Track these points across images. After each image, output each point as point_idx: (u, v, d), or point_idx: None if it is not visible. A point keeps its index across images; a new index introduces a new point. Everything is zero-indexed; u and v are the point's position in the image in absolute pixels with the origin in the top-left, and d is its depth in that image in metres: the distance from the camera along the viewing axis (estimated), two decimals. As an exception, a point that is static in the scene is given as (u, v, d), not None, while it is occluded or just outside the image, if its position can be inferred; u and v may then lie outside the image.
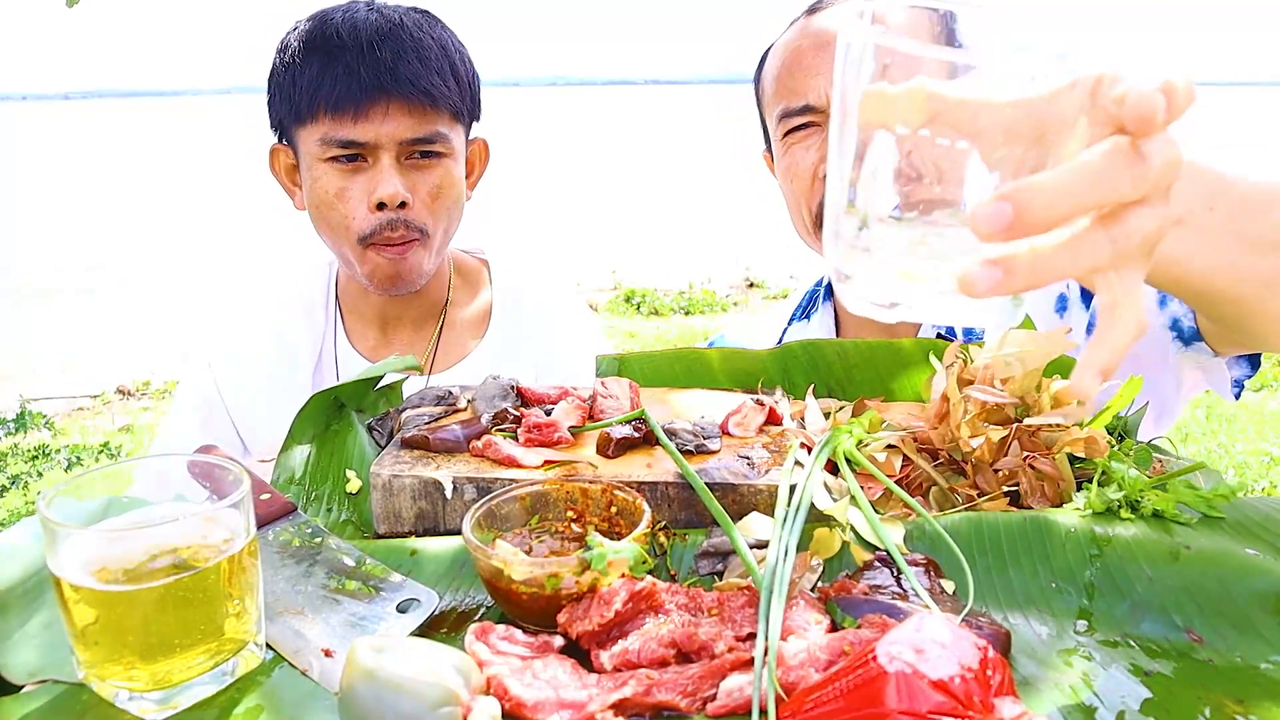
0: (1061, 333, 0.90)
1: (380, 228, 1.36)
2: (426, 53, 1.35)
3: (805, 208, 1.34)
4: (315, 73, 1.32)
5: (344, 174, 1.36)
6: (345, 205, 1.36)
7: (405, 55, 1.32)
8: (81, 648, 0.67)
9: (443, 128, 1.38)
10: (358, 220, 1.36)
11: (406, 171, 1.37)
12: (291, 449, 1.03)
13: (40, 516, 0.67)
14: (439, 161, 1.39)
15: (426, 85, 1.33)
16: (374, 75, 1.30)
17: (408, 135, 1.34)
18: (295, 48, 1.35)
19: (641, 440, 0.96)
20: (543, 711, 0.62)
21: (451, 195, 1.42)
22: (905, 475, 0.92)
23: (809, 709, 0.59)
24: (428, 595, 0.79)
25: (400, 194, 1.34)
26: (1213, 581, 0.74)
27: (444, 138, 1.38)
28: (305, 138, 1.37)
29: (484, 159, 1.56)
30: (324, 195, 1.37)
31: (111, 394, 6.33)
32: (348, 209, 1.36)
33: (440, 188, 1.39)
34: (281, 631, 0.75)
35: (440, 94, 1.35)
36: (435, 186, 1.39)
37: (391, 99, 1.32)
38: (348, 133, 1.33)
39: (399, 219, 1.36)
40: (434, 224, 1.41)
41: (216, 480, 0.75)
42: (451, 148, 1.40)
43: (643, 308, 8.32)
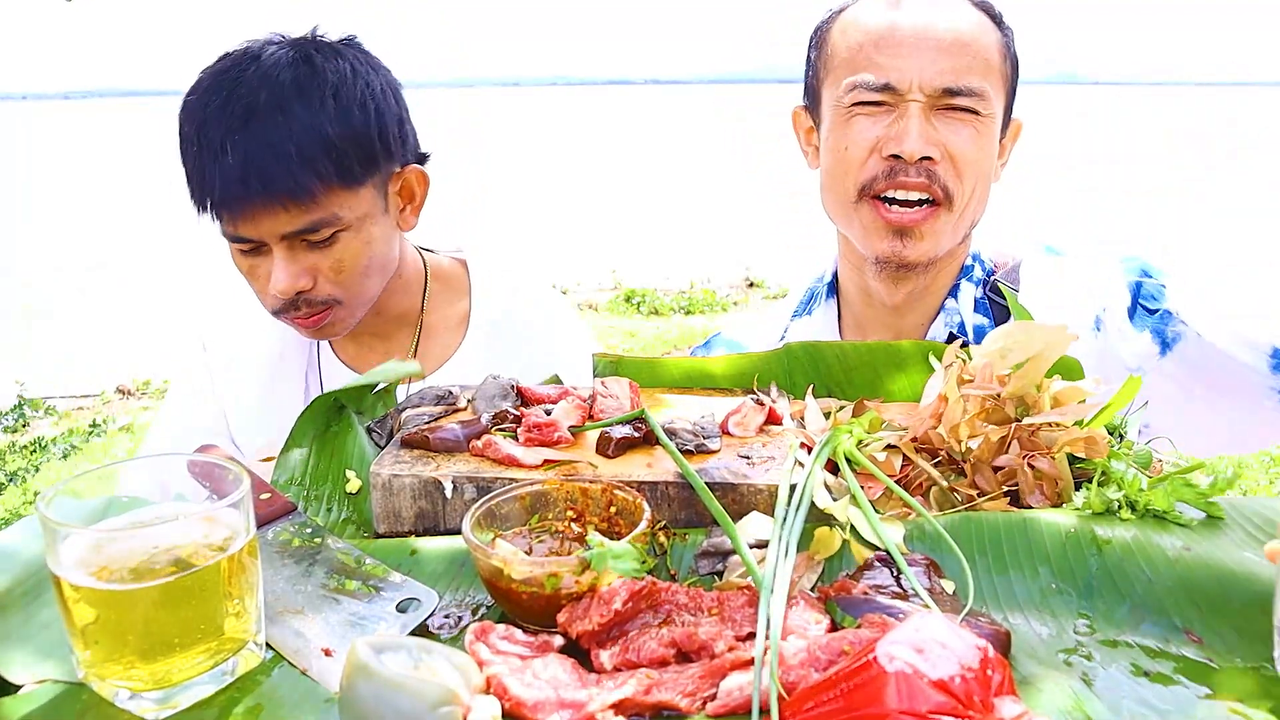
0: (1060, 329, 0.90)
1: (286, 308, 1.36)
2: (283, 145, 1.25)
3: (852, 178, 1.32)
4: (190, 167, 1.30)
5: (249, 258, 1.34)
6: (257, 283, 1.36)
7: (257, 157, 1.24)
8: (81, 647, 0.67)
9: (333, 209, 1.30)
10: (267, 300, 1.36)
11: (303, 255, 1.32)
12: (291, 450, 1.03)
13: (40, 516, 0.67)
14: (335, 238, 1.32)
15: (285, 187, 1.25)
16: (229, 184, 1.25)
17: (286, 230, 1.29)
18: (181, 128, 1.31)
19: (641, 440, 0.96)
20: (543, 711, 0.62)
21: (360, 264, 1.36)
22: (905, 475, 0.92)
23: (809, 709, 0.59)
24: (428, 595, 0.79)
25: (291, 286, 1.31)
26: (1213, 581, 0.74)
27: (331, 220, 1.30)
28: None
29: (422, 185, 1.46)
30: (239, 271, 1.38)
31: (111, 393, 6.33)
32: (259, 286, 1.36)
33: (342, 263, 1.34)
34: (281, 631, 0.75)
35: (308, 186, 1.26)
36: (336, 263, 1.34)
37: (255, 202, 1.26)
38: (232, 229, 1.30)
39: (302, 299, 1.35)
40: (345, 293, 1.37)
41: (216, 480, 0.75)
42: (352, 219, 1.33)
43: (643, 307, 8.32)
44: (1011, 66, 1.34)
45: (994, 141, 1.31)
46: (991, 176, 1.34)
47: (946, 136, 1.27)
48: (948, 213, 1.29)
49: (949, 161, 1.27)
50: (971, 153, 1.27)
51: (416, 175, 1.44)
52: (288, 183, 1.25)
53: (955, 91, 1.26)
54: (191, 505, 0.75)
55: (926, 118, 1.27)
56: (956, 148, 1.27)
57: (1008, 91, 1.34)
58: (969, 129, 1.27)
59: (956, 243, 1.35)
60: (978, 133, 1.27)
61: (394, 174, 1.40)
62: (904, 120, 1.26)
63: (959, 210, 1.30)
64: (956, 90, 1.26)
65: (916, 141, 1.25)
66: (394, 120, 1.37)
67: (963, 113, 1.27)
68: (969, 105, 1.26)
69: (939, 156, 1.26)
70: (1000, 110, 1.32)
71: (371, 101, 1.33)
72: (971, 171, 1.28)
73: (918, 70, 1.26)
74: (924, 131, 1.26)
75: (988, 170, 1.31)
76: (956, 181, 1.28)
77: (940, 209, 1.29)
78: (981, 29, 1.29)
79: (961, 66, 1.26)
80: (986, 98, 1.27)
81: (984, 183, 1.31)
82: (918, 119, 1.26)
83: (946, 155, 1.27)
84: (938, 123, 1.27)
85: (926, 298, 1.41)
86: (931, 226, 1.30)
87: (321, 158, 1.27)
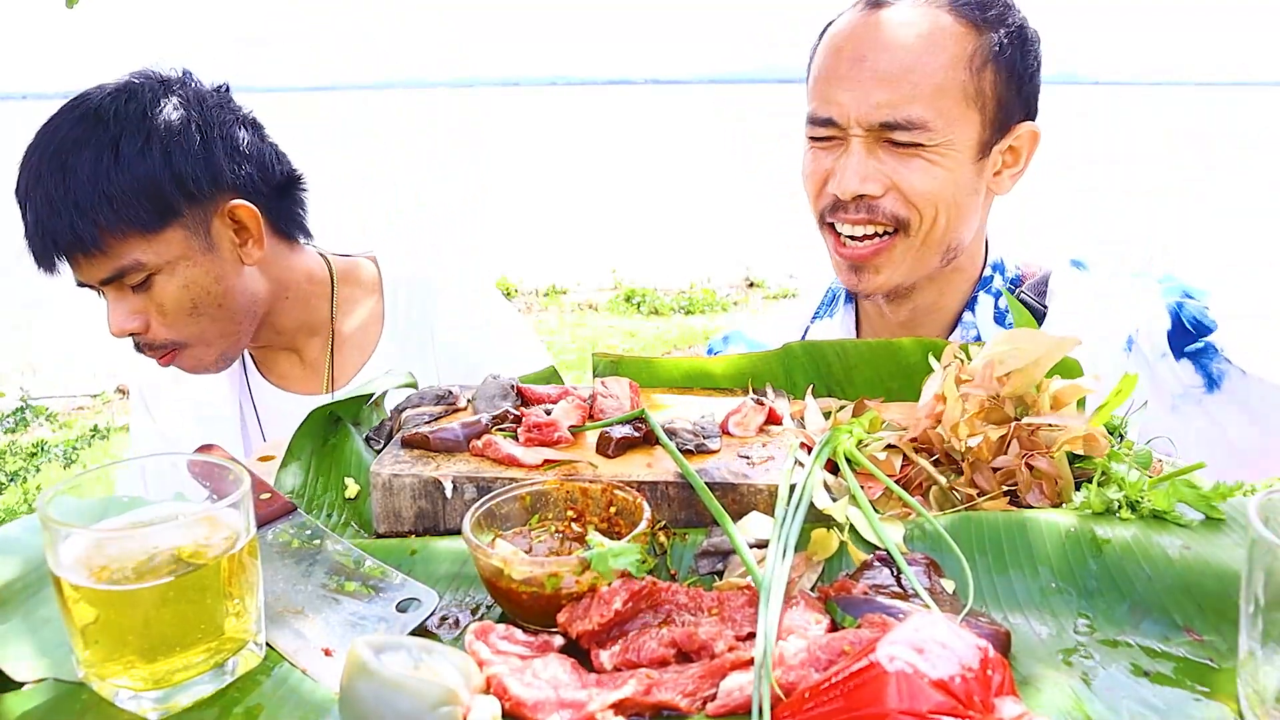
0: (1065, 337, 0.90)
1: (136, 345, 1.41)
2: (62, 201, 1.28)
3: (814, 207, 1.33)
4: None
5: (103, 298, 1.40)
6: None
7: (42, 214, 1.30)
8: (81, 646, 0.67)
9: (133, 256, 1.32)
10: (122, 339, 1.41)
11: (129, 298, 1.36)
12: (290, 464, 1.03)
13: (40, 516, 0.67)
14: (151, 281, 1.34)
15: (68, 240, 1.30)
16: (35, 239, 1.32)
17: (98, 277, 1.34)
18: None
19: (641, 440, 0.96)
20: (542, 711, 0.62)
21: (184, 304, 1.37)
22: (905, 475, 0.92)
23: (809, 709, 0.59)
24: (428, 595, 0.79)
25: (121, 329, 1.37)
26: (1213, 581, 0.74)
27: (134, 265, 1.32)
28: None
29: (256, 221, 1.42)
30: None
31: (111, 394, 6.33)
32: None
33: (163, 306, 1.36)
34: (281, 631, 0.75)
35: (90, 237, 1.29)
36: (158, 306, 1.36)
37: (51, 255, 1.33)
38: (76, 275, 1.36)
39: (142, 341, 1.39)
40: (181, 334, 1.39)
41: (216, 480, 0.75)
42: (159, 263, 1.34)
43: (643, 307, 8.32)
44: (1004, 74, 1.25)
45: (960, 166, 1.24)
46: (962, 201, 1.26)
47: (894, 168, 1.23)
48: (905, 240, 1.26)
49: (896, 193, 1.24)
50: (922, 184, 1.23)
51: (245, 211, 1.41)
52: (68, 236, 1.29)
53: (892, 125, 1.21)
54: (192, 505, 0.75)
55: (871, 151, 1.23)
56: (904, 180, 1.23)
57: (989, 107, 1.25)
58: (918, 160, 1.22)
59: (935, 266, 1.30)
60: (929, 163, 1.22)
61: (217, 211, 1.39)
62: (845, 158, 1.25)
63: (919, 237, 1.26)
64: (893, 124, 1.21)
65: (851, 180, 1.23)
66: (196, 162, 1.34)
67: (904, 146, 1.22)
68: (908, 139, 1.21)
69: (880, 191, 1.24)
70: (971, 131, 1.24)
71: (164, 147, 1.32)
72: (927, 201, 1.24)
73: (854, 105, 1.22)
74: (861, 168, 1.23)
75: (950, 197, 1.25)
76: (909, 210, 1.24)
77: (895, 238, 1.26)
78: (936, 47, 1.21)
79: (900, 98, 1.20)
80: (930, 127, 1.21)
81: (952, 209, 1.25)
82: (857, 155, 1.23)
83: (893, 188, 1.24)
84: (885, 155, 1.23)
85: (937, 313, 1.39)
86: (887, 258, 1.28)
87: (101, 208, 1.28)
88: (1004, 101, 1.26)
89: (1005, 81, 1.25)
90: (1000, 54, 1.24)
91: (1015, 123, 1.28)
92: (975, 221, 1.31)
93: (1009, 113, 1.27)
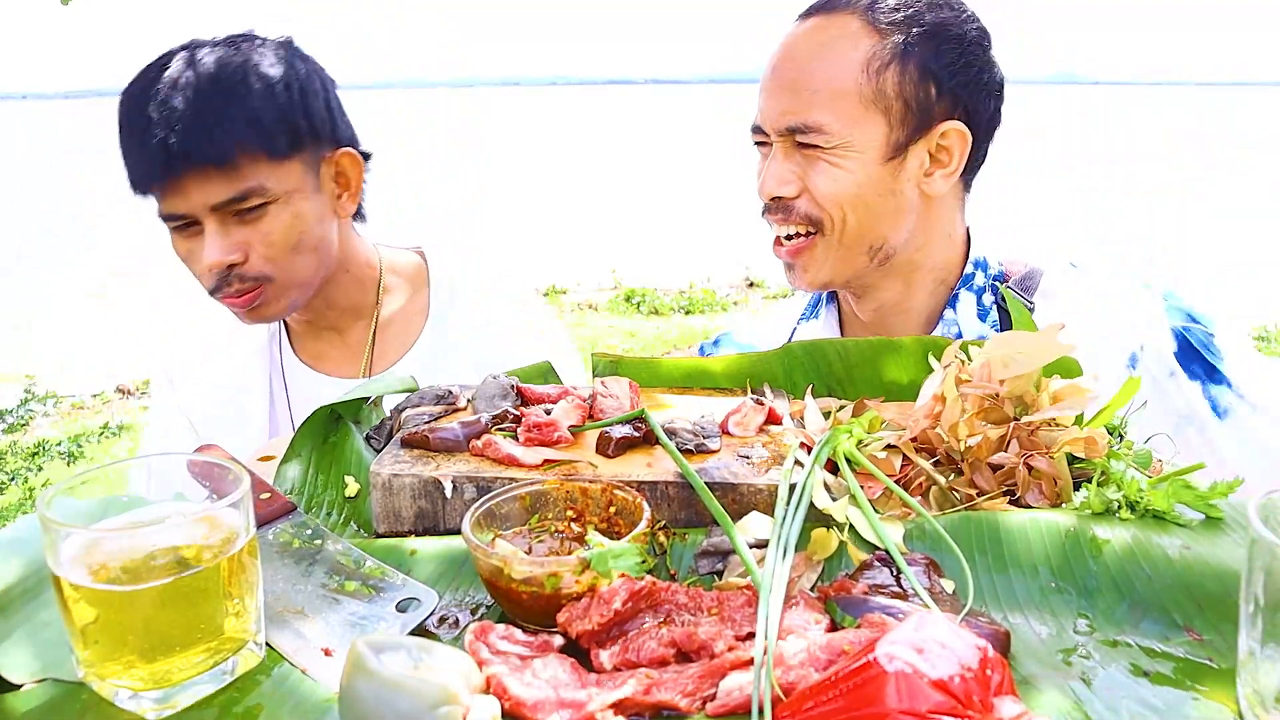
0: (1056, 329, 0.90)
1: (220, 284, 1.39)
2: (217, 112, 1.32)
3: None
4: (123, 153, 1.36)
5: (185, 238, 1.39)
6: (194, 265, 1.41)
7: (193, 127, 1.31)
8: (81, 646, 0.67)
9: (258, 179, 1.35)
10: (204, 279, 1.40)
11: (234, 229, 1.36)
12: (290, 461, 1.04)
13: (40, 516, 0.67)
14: (265, 210, 1.37)
15: (220, 150, 1.31)
16: (161, 155, 1.30)
17: (215, 200, 1.33)
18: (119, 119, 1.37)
19: (641, 440, 0.96)
20: (542, 711, 0.62)
21: (291, 238, 1.40)
22: (905, 475, 0.92)
23: (809, 709, 0.59)
24: (427, 595, 0.79)
25: (222, 260, 1.36)
26: (1213, 581, 0.74)
27: (260, 188, 1.35)
28: None
29: (358, 170, 1.51)
30: (180, 258, 1.42)
31: (111, 393, 6.33)
32: (195, 269, 1.41)
33: (272, 235, 1.38)
34: (281, 631, 0.75)
35: (238, 152, 1.32)
36: (265, 236, 1.38)
37: (184, 172, 1.32)
38: (164, 206, 1.36)
39: (234, 275, 1.38)
40: (278, 269, 1.41)
41: (216, 480, 0.75)
42: (279, 191, 1.37)
43: (643, 307, 8.32)
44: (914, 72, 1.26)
45: (864, 167, 1.27)
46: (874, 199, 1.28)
47: (805, 171, 1.29)
48: (823, 240, 1.31)
49: (808, 195, 1.30)
50: (827, 185, 1.28)
51: (350, 159, 1.49)
52: (211, 149, 1.31)
53: (794, 129, 1.28)
54: (191, 505, 0.75)
55: (789, 155, 1.30)
56: (812, 182, 1.29)
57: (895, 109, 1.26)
58: (822, 163, 1.28)
59: (863, 265, 1.33)
60: (831, 165, 1.27)
61: (325, 157, 1.45)
62: (767, 161, 1.33)
63: (836, 236, 1.30)
64: (794, 128, 1.28)
65: (769, 182, 1.31)
66: (320, 103, 1.43)
67: (810, 148, 1.28)
68: (809, 141, 1.27)
69: (794, 193, 1.30)
70: (875, 132, 1.26)
71: (295, 82, 1.40)
72: (832, 202, 1.28)
73: (768, 111, 1.31)
74: (777, 171, 1.30)
75: (857, 197, 1.27)
76: (820, 211, 1.29)
77: (815, 238, 1.32)
78: (836, 55, 1.26)
79: (800, 104, 1.27)
80: (825, 130, 1.25)
81: (858, 209, 1.28)
82: (775, 159, 1.31)
83: (805, 190, 1.30)
84: (800, 158, 1.30)
85: (906, 311, 1.40)
86: (810, 257, 1.33)
87: (243, 126, 1.33)
88: (916, 102, 1.27)
89: (916, 82, 1.27)
90: (907, 55, 1.26)
91: (936, 123, 1.29)
92: (903, 222, 1.32)
93: (925, 113, 1.28)
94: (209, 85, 1.33)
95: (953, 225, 1.38)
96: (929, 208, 1.33)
